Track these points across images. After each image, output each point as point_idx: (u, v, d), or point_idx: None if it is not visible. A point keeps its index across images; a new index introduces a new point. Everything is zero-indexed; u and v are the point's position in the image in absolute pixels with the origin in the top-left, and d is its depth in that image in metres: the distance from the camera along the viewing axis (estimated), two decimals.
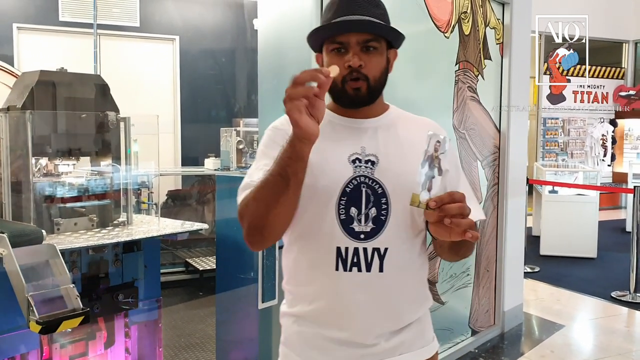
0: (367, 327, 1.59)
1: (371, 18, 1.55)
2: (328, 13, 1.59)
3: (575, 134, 12.91)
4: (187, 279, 6.51)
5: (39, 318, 2.37)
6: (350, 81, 1.56)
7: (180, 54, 7.63)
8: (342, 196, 1.56)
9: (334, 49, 1.58)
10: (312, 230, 1.59)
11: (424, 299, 1.73)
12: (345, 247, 1.56)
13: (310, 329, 1.65)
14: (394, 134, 1.64)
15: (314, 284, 1.63)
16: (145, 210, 4.37)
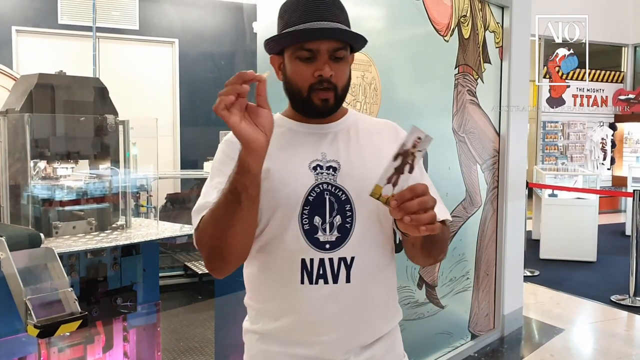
0: (336, 342, 1.52)
1: (342, 25, 1.48)
2: (292, 15, 1.48)
3: (574, 137, 12.91)
4: (186, 282, 6.50)
5: (37, 322, 2.36)
6: (319, 91, 1.48)
7: (179, 57, 7.63)
8: (305, 205, 1.48)
9: (301, 56, 1.47)
10: (274, 242, 1.50)
11: (394, 311, 1.66)
12: (311, 259, 1.48)
13: (275, 347, 1.57)
14: (355, 138, 1.57)
15: (278, 299, 1.54)
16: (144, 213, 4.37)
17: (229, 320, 3.79)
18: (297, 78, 1.50)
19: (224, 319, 3.85)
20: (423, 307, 4.21)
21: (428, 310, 4.27)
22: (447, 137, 4.36)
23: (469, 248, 4.70)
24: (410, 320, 4.09)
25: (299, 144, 1.54)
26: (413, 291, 4.10)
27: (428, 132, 1.26)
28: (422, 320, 4.20)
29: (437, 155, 4.19)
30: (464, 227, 4.58)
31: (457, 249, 4.52)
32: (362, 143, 1.56)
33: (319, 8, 1.47)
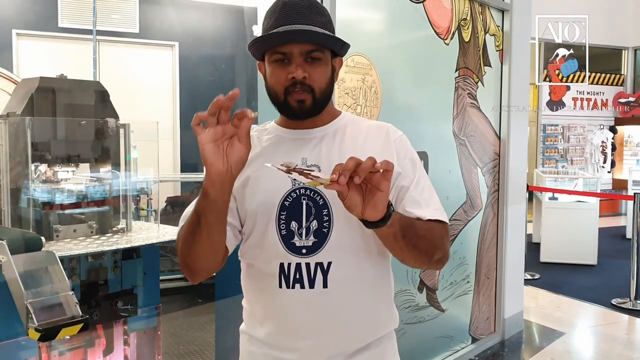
0: (316, 348, 1.53)
1: (314, 27, 1.47)
2: (269, 21, 1.52)
3: (575, 140, 12.91)
4: (187, 286, 6.48)
5: (38, 325, 2.36)
6: (294, 93, 1.49)
7: (179, 60, 7.63)
8: (282, 210, 1.50)
9: (277, 60, 1.50)
10: (255, 247, 1.55)
11: (384, 319, 1.63)
12: (288, 263, 1.50)
13: (260, 349, 1.60)
14: (339, 142, 1.57)
15: (261, 303, 1.59)
16: (145, 216, 4.37)
17: (229, 324, 3.79)
18: (273, 81, 1.52)
19: (224, 323, 3.85)
20: (423, 311, 4.21)
21: (429, 313, 4.26)
22: (448, 140, 4.36)
23: (470, 251, 4.70)
24: (410, 324, 4.09)
25: (280, 150, 1.56)
26: (414, 295, 4.10)
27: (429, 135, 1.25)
28: (422, 323, 4.20)
29: (438, 159, 4.19)
30: (465, 230, 4.57)
31: (457, 252, 4.52)
32: (346, 146, 1.55)
33: (291, 12, 1.48)
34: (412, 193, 1.52)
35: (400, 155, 1.57)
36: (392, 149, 1.57)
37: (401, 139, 1.62)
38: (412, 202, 1.51)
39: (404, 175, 1.54)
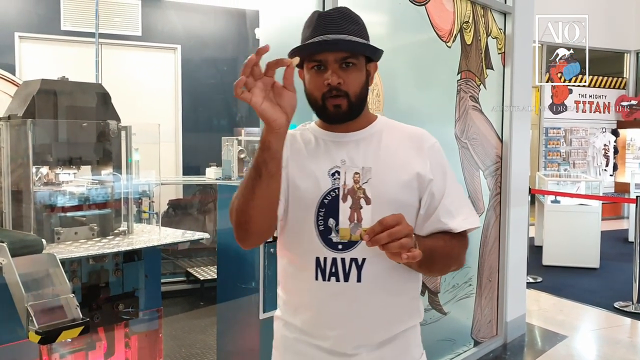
0: (346, 337, 1.63)
1: (347, 36, 1.59)
2: (307, 31, 1.65)
3: (577, 143, 12.90)
4: (188, 288, 6.49)
5: (39, 328, 2.36)
6: (330, 98, 1.60)
7: (181, 63, 7.63)
8: (321, 208, 1.61)
9: (313, 67, 1.62)
10: (294, 240, 1.67)
11: (410, 313, 1.74)
12: (324, 258, 1.61)
13: (293, 334, 1.71)
14: (376, 145, 1.67)
15: (297, 293, 1.70)
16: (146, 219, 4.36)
17: (230, 327, 3.78)
18: (312, 87, 1.63)
19: (226, 325, 3.85)
20: (425, 314, 4.18)
21: (430, 317, 4.25)
22: (450, 143, 4.35)
23: (472, 254, 4.69)
24: None
25: (320, 151, 1.67)
26: None
27: None
28: (424, 326, 4.15)
29: None
30: None
31: None
32: (383, 150, 1.66)
33: (325, 23, 1.61)
34: (444, 202, 1.65)
35: (433, 162, 1.68)
36: (426, 155, 1.68)
37: (435, 146, 1.73)
38: (445, 212, 1.64)
39: (436, 183, 1.65)
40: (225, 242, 3.84)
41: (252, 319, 3.28)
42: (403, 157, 1.65)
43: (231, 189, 4.42)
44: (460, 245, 1.69)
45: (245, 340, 3.56)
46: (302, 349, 1.70)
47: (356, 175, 1.37)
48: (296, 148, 1.69)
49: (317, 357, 1.67)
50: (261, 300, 3.11)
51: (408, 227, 1.38)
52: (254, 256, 3.19)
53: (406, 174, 1.63)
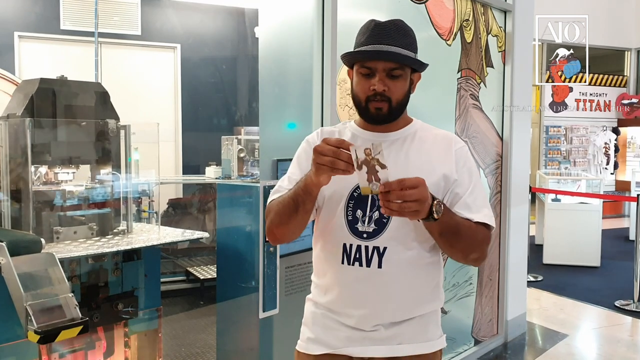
0: (368, 316, 1.83)
1: (398, 48, 1.77)
2: (361, 37, 1.83)
3: (577, 142, 12.90)
4: (188, 288, 6.48)
5: (38, 327, 2.35)
6: (374, 102, 1.79)
7: (181, 61, 7.63)
8: (350, 200, 1.82)
9: (363, 72, 1.80)
10: (326, 228, 1.87)
11: (429, 299, 1.92)
12: (350, 244, 1.81)
13: (321, 310, 1.92)
14: (408, 145, 1.86)
15: (326, 275, 1.90)
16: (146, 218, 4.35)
17: (230, 326, 3.78)
18: (358, 90, 1.83)
19: (226, 325, 3.84)
20: None
21: None
22: None
23: None
24: None
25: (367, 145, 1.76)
26: None
27: None
28: None
29: None
30: None
31: None
32: (413, 150, 1.85)
33: (380, 33, 1.80)
34: (466, 199, 1.80)
35: (459, 164, 1.84)
36: (453, 157, 1.84)
37: (462, 149, 1.89)
38: (464, 206, 1.79)
39: (460, 183, 1.81)
40: (225, 241, 3.83)
41: (252, 318, 3.28)
42: (432, 158, 1.83)
43: (231, 188, 4.41)
44: (485, 234, 1.81)
45: (245, 340, 3.56)
46: (327, 323, 1.90)
47: (367, 150, 1.52)
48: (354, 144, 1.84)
49: (341, 331, 1.86)
50: (261, 299, 3.10)
51: (422, 194, 1.54)
52: (254, 255, 3.18)
53: (433, 175, 1.78)
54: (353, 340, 1.86)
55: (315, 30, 3.25)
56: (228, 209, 3.90)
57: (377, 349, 1.85)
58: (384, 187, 1.52)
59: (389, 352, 1.85)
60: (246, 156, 6.16)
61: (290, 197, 1.76)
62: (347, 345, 1.86)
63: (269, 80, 3.12)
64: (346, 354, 1.87)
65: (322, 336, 1.91)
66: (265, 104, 3.12)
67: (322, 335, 1.91)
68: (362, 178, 1.55)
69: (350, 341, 1.86)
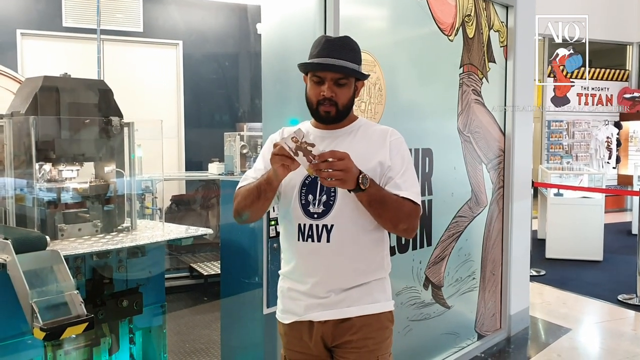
0: (320, 283, 2.16)
1: (344, 61, 2.11)
2: (314, 50, 2.16)
3: (579, 136, 12.88)
4: (192, 284, 6.50)
5: (43, 324, 2.36)
6: (323, 105, 2.14)
7: (183, 58, 7.62)
8: (303, 186, 2.17)
9: (314, 80, 2.14)
10: (286, 211, 2.22)
11: (372, 270, 2.22)
12: (304, 224, 2.16)
13: (286, 284, 2.28)
14: (351, 140, 2.20)
15: (288, 250, 2.26)
16: (150, 215, 4.37)
17: (234, 322, 3.79)
18: (310, 94, 2.17)
19: (230, 321, 3.85)
20: (429, 308, 4.21)
21: (434, 310, 4.26)
22: (453, 136, 4.35)
23: (475, 248, 4.69)
24: (416, 321, 4.09)
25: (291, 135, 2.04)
26: (419, 292, 4.09)
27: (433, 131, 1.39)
28: (428, 320, 4.19)
29: (443, 155, 4.18)
30: (470, 227, 4.57)
31: (463, 249, 4.51)
32: (355, 143, 2.18)
33: (329, 48, 2.12)
34: (396, 180, 2.13)
35: (393, 152, 2.18)
36: (387, 147, 2.18)
37: (397, 140, 2.23)
38: (395, 185, 2.12)
39: (392, 168, 2.14)
40: (229, 237, 3.84)
41: (255, 314, 3.28)
42: (370, 149, 2.17)
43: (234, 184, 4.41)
44: (412, 208, 2.11)
45: (249, 335, 3.57)
46: (292, 294, 2.24)
47: (294, 138, 1.86)
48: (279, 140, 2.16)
49: (302, 300, 2.20)
50: (265, 295, 3.12)
51: (347, 165, 1.90)
52: (258, 251, 3.19)
53: (370, 162, 2.12)
54: (312, 308, 2.18)
55: (318, 26, 3.26)
56: (231, 205, 3.89)
57: (330, 313, 2.17)
58: (319, 157, 1.86)
59: (340, 314, 2.17)
60: (249, 152, 6.17)
61: (255, 186, 2.12)
62: (307, 312, 2.19)
63: (271, 76, 3.13)
64: (309, 319, 2.20)
65: (289, 306, 2.26)
66: (267, 100, 3.12)
67: (288, 305, 2.26)
68: (303, 161, 1.88)
69: (310, 308, 2.19)
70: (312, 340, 2.22)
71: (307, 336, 2.23)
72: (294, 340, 2.28)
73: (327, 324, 2.19)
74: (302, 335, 2.24)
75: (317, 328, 2.20)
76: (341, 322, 2.18)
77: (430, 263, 4.18)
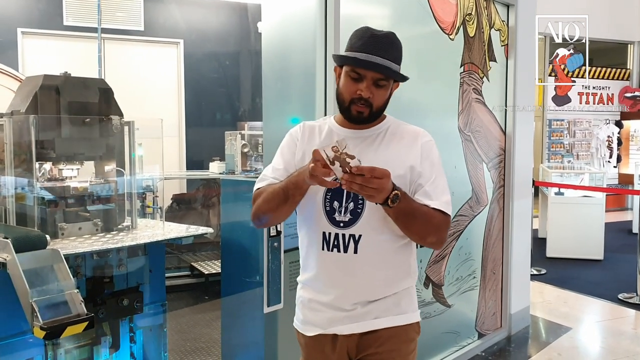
0: (345, 295, 2.04)
1: (388, 61, 1.94)
2: (356, 42, 1.97)
3: (580, 135, 12.87)
4: (193, 283, 6.50)
5: (43, 323, 2.36)
6: (357, 105, 1.97)
7: (184, 57, 7.61)
8: (328, 192, 2.01)
9: (352, 76, 1.95)
10: (308, 217, 2.08)
11: (400, 279, 2.10)
12: (329, 232, 2.02)
13: (307, 294, 2.15)
14: (379, 142, 2.05)
15: (309, 258, 2.11)
16: (150, 214, 4.37)
17: (235, 321, 3.79)
18: (344, 90, 2.00)
19: (230, 319, 3.85)
20: (430, 307, 4.21)
21: (435, 309, 4.26)
22: (453, 135, 4.34)
23: (476, 247, 4.69)
24: None
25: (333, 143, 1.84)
26: (420, 290, 4.09)
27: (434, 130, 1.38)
28: (428, 319, 4.19)
29: (443, 154, 4.11)
30: (470, 226, 4.56)
31: (463, 248, 4.51)
32: (383, 146, 2.03)
33: (375, 45, 1.94)
34: (426, 188, 1.98)
35: (423, 156, 2.03)
36: (418, 151, 2.03)
37: (428, 143, 2.07)
38: (424, 194, 1.97)
39: (422, 174, 1.99)
40: (229, 236, 3.84)
41: (256, 313, 3.28)
42: (399, 152, 2.01)
43: (235, 183, 4.43)
44: (441, 220, 1.97)
45: (249, 334, 3.57)
46: (313, 306, 2.11)
47: (334, 147, 1.68)
48: (314, 140, 2.08)
49: (325, 312, 2.08)
50: (265, 294, 3.11)
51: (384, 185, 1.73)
52: (258, 250, 3.19)
53: (400, 168, 1.96)
54: (336, 321, 2.06)
55: (318, 25, 3.25)
56: (232, 204, 3.91)
57: (357, 326, 2.05)
58: (356, 169, 1.68)
59: (366, 326, 2.06)
60: (250, 151, 6.17)
61: (281, 188, 1.94)
62: (332, 325, 2.07)
63: (272, 75, 3.13)
64: (333, 332, 2.08)
65: (311, 318, 2.13)
66: (268, 99, 3.12)
67: (310, 317, 2.14)
68: (338, 171, 1.70)
69: (334, 321, 2.07)
70: (335, 353, 2.11)
71: (330, 349, 2.12)
72: (315, 353, 2.17)
73: (352, 337, 2.07)
74: (324, 348, 2.13)
75: (342, 341, 2.08)
76: (366, 334, 2.07)
77: (430, 262, 4.18)
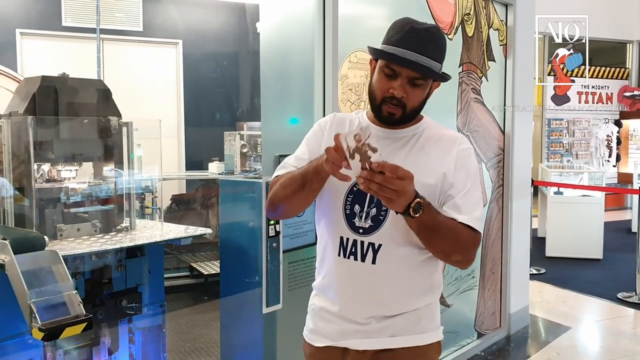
0: (357, 308, 1.86)
1: (427, 59, 1.75)
2: (393, 35, 1.79)
3: (580, 134, 12.87)
4: (192, 283, 6.50)
5: (42, 325, 2.36)
6: (388, 105, 1.78)
7: (183, 57, 7.62)
8: (349, 194, 1.83)
9: (386, 72, 1.77)
10: (327, 219, 1.90)
11: (421, 294, 1.89)
12: (347, 238, 1.84)
13: (319, 302, 1.98)
14: (412, 145, 1.85)
15: (324, 263, 1.95)
16: (149, 215, 4.36)
17: (234, 321, 3.79)
18: (377, 86, 1.81)
19: (230, 320, 3.85)
20: None
21: None
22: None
23: None
24: None
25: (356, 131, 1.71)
26: None
27: None
28: None
29: None
30: None
31: None
32: (415, 150, 1.84)
33: (414, 40, 1.74)
34: (457, 200, 1.77)
35: (458, 165, 1.82)
36: (453, 158, 1.82)
37: (465, 151, 1.87)
38: (454, 206, 1.76)
39: (455, 184, 1.79)
40: (228, 236, 3.84)
41: (255, 313, 3.28)
42: (432, 159, 1.81)
43: (234, 184, 4.42)
44: (470, 237, 1.76)
45: (248, 335, 3.57)
46: (324, 315, 1.94)
47: (357, 136, 1.48)
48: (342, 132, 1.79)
49: (337, 324, 1.90)
50: (264, 294, 3.11)
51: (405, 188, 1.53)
52: (257, 250, 3.19)
53: (431, 176, 1.78)
54: (347, 334, 1.89)
55: (317, 25, 3.25)
56: (231, 204, 3.90)
57: (370, 342, 1.87)
58: (377, 165, 1.49)
59: (381, 344, 1.87)
60: (249, 152, 6.17)
61: (300, 173, 1.78)
62: (342, 338, 1.90)
63: (270, 75, 3.13)
64: (344, 346, 1.90)
65: (320, 328, 1.96)
66: (267, 99, 3.12)
67: (319, 326, 1.97)
68: (355, 166, 1.52)
69: (345, 334, 1.89)
70: None
71: None
72: None
73: (365, 354, 1.88)
74: None
75: (353, 357, 1.89)
76: (381, 352, 1.87)
77: None
